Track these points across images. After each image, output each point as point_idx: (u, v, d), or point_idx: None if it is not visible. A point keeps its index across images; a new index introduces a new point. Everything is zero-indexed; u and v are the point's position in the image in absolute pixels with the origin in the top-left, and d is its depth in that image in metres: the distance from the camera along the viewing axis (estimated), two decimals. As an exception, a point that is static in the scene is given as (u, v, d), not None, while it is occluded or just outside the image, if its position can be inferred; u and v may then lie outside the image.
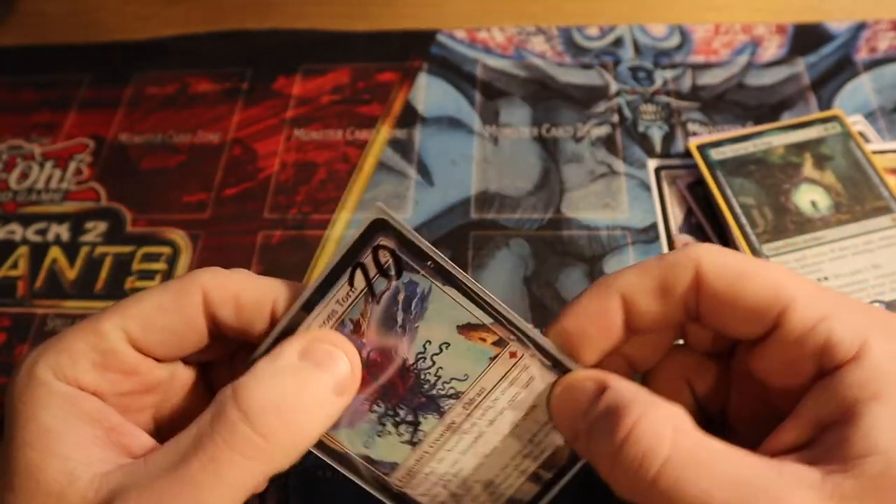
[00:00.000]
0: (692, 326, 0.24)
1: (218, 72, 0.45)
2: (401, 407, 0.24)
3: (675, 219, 0.36)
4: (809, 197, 0.35)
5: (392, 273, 0.22)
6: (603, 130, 0.40)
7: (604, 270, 0.35)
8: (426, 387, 0.23)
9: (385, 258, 0.22)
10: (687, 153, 0.38)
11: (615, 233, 0.36)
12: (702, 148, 0.37)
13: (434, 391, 0.23)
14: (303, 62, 0.45)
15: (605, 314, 0.22)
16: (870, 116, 0.39)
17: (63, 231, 0.39)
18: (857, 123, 0.39)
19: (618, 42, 0.44)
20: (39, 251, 0.38)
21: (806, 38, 0.43)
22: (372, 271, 0.22)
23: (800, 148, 0.36)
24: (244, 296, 0.23)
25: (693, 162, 0.37)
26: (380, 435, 0.24)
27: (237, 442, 0.20)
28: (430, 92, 0.43)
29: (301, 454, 0.21)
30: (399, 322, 0.23)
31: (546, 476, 0.24)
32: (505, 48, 0.45)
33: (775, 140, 0.37)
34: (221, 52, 0.46)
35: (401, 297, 0.22)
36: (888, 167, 0.36)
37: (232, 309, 0.23)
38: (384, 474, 0.24)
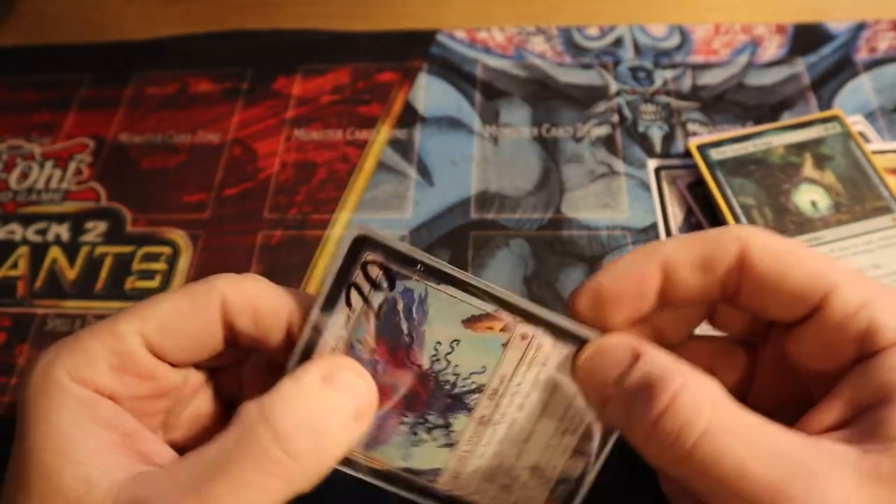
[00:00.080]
0: (722, 306, 0.24)
1: (218, 72, 0.45)
2: (429, 413, 0.24)
3: (675, 219, 0.36)
4: (809, 197, 0.35)
5: (385, 285, 0.22)
6: (603, 130, 0.40)
7: (604, 270, 0.35)
8: (448, 387, 0.23)
9: (375, 272, 0.22)
10: (687, 153, 0.38)
11: (615, 233, 0.36)
12: (702, 148, 0.37)
13: (457, 390, 0.23)
14: (303, 62, 0.45)
15: (643, 278, 0.22)
16: (870, 116, 0.39)
17: (63, 231, 0.39)
18: (857, 123, 0.39)
19: (618, 42, 0.44)
20: (39, 251, 0.38)
21: (806, 38, 0.43)
22: (366, 288, 0.22)
23: (800, 148, 0.36)
24: (262, 305, 0.22)
25: (693, 162, 0.37)
26: (415, 444, 0.24)
27: (267, 464, 0.19)
28: (430, 92, 0.43)
29: (321, 478, 0.21)
30: (405, 331, 0.23)
31: (589, 448, 0.24)
32: (505, 48, 0.45)
33: (775, 140, 0.37)
34: (221, 52, 0.46)
35: (400, 307, 0.22)
36: (888, 167, 0.36)
37: (250, 318, 0.22)
38: (430, 482, 0.24)
